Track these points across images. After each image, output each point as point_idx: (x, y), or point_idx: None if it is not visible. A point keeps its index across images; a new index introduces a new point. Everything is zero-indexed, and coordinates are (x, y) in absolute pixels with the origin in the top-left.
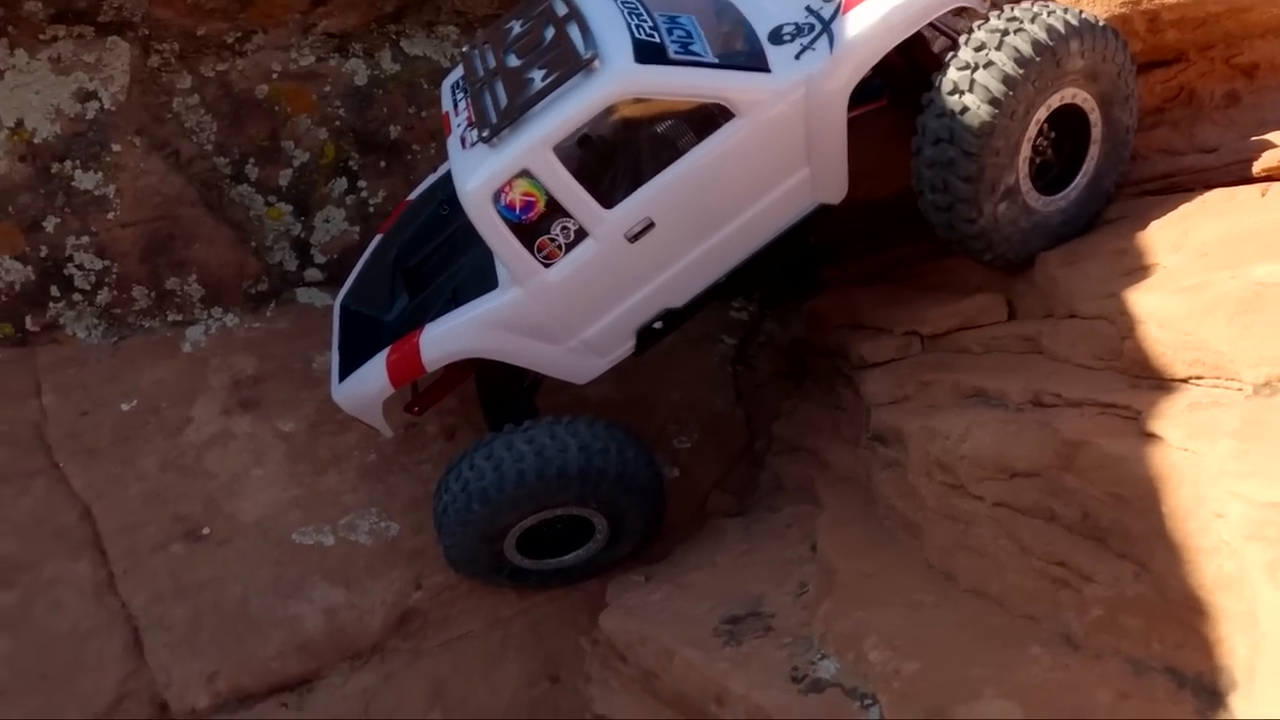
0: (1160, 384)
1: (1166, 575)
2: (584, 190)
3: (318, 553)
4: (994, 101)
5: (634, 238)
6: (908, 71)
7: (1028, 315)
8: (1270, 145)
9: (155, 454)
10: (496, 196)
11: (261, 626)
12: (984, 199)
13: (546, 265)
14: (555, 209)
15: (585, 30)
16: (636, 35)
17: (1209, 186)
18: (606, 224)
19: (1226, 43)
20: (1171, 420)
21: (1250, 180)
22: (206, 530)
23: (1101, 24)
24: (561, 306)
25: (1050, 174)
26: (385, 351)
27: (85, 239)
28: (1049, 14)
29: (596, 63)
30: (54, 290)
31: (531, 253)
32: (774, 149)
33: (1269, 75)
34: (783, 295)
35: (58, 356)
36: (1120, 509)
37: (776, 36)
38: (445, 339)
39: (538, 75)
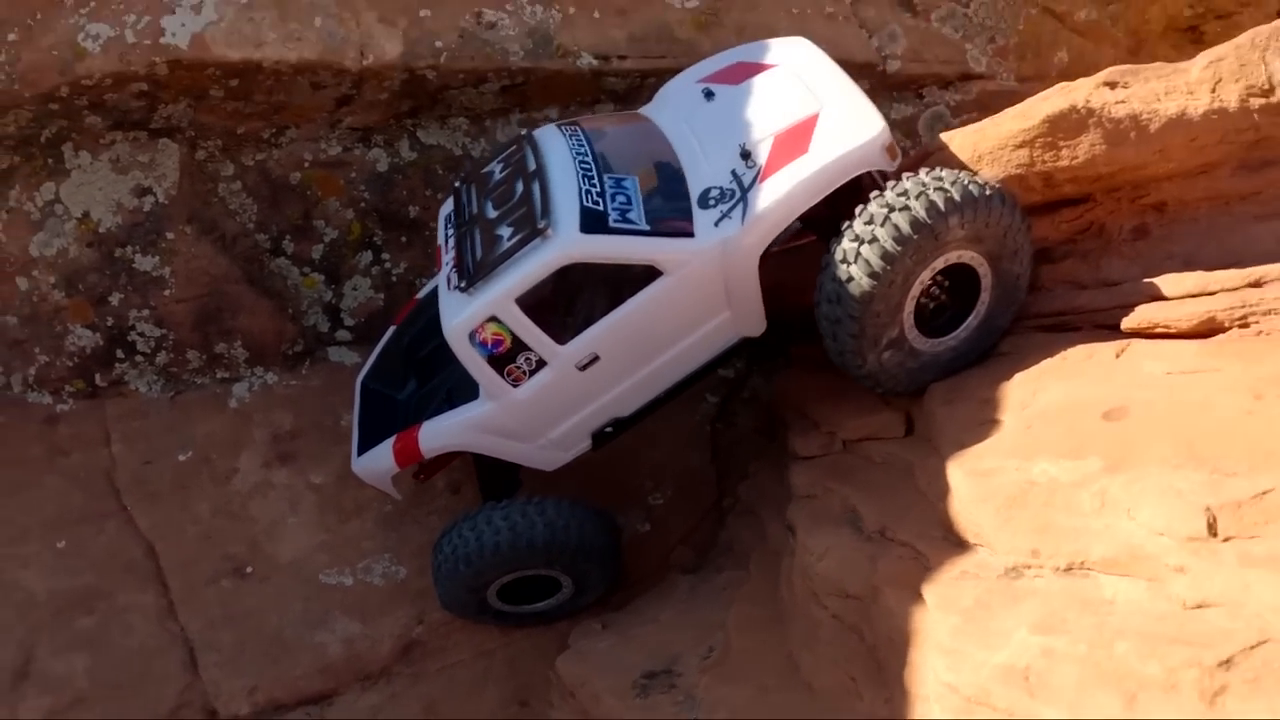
0: (959, 543)
1: (900, 708)
2: (541, 332)
3: (339, 591)
4: (873, 275)
5: (583, 367)
6: (830, 216)
7: (920, 436)
8: (1154, 294)
9: (207, 500)
10: (472, 335)
11: (293, 651)
12: (868, 350)
13: (515, 386)
14: (520, 344)
15: (545, 193)
16: (584, 203)
17: (1095, 326)
18: (560, 357)
19: (1133, 185)
20: (937, 584)
21: (1118, 333)
22: (250, 569)
23: (988, 193)
24: (527, 417)
25: (945, 315)
26: (393, 439)
27: (145, 312)
28: (935, 189)
29: (550, 231)
30: (119, 353)
31: (502, 377)
32: (697, 299)
33: (1179, 209)
34: (771, 352)
35: (124, 408)
36: (888, 649)
37: (704, 200)
38: (438, 435)
39: (505, 233)
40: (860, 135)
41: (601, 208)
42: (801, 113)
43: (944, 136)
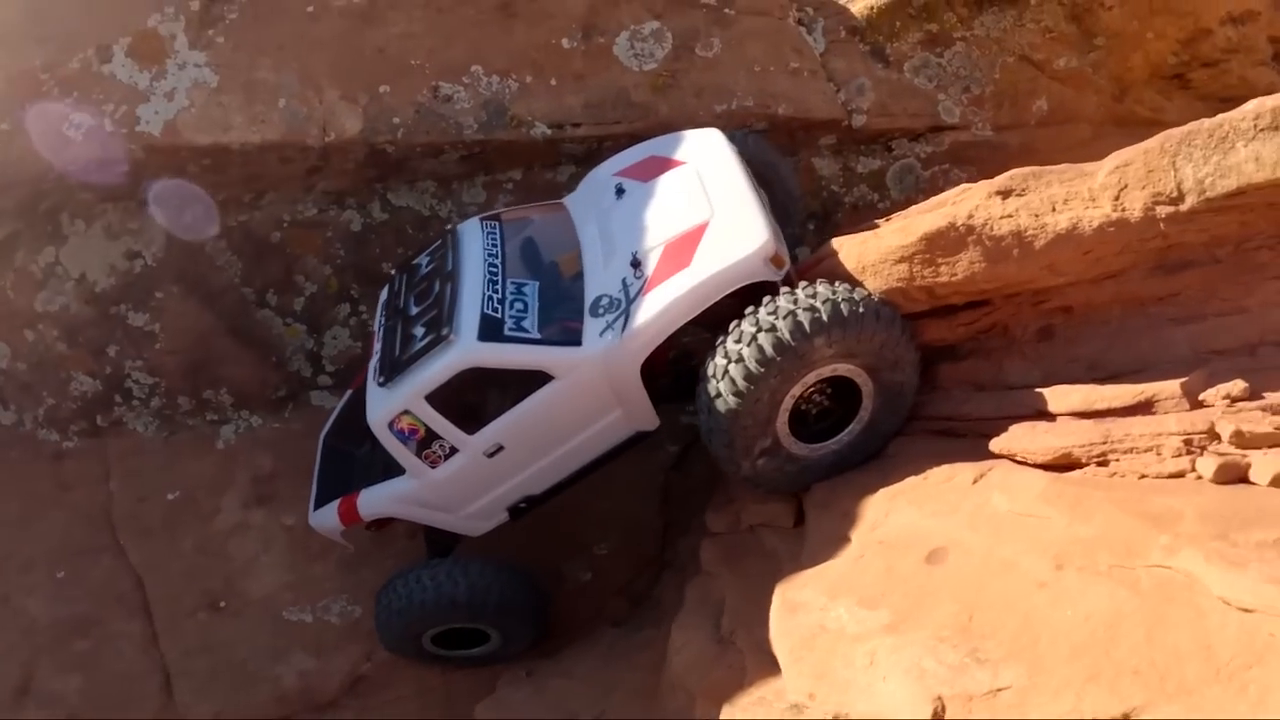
0: (775, 665)
1: None
2: (450, 424)
3: (300, 628)
4: (738, 394)
5: (491, 454)
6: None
7: (807, 527)
8: (1039, 406)
9: (192, 537)
10: (391, 425)
11: (255, 681)
12: (741, 459)
13: (433, 468)
14: (433, 433)
15: (454, 297)
16: (485, 309)
17: (979, 435)
18: (470, 445)
19: (1034, 292)
20: (736, 705)
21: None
22: (224, 603)
23: (861, 310)
24: (446, 494)
25: (830, 419)
26: (338, 501)
27: (139, 362)
28: (804, 309)
29: (452, 336)
30: (117, 398)
31: (421, 460)
32: (586, 400)
33: (1088, 312)
34: None
35: (123, 447)
36: None
37: (595, 308)
38: (373, 503)
39: (419, 332)
40: (741, 249)
41: (499, 315)
42: (692, 220)
43: (834, 243)
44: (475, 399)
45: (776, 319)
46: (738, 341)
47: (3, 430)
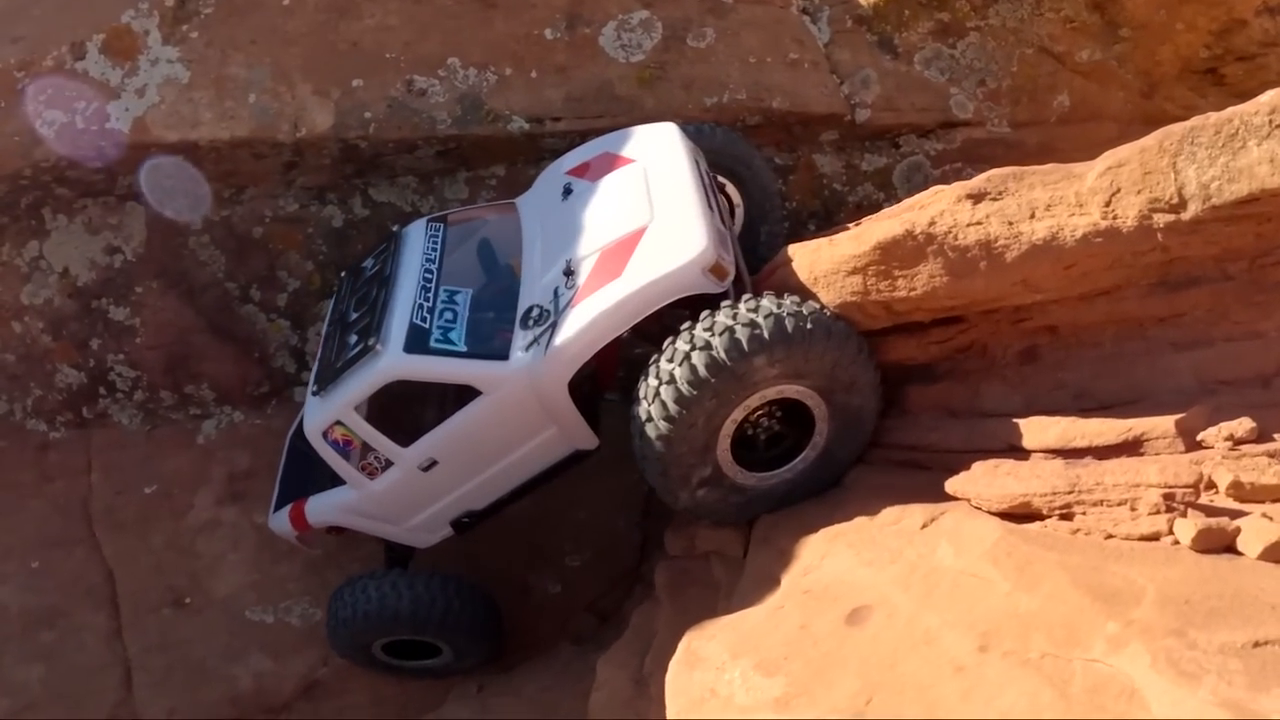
0: None
1: None
2: (382, 436)
3: (260, 628)
4: (669, 419)
5: (425, 469)
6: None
7: (746, 562)
8: (1012, 440)
9: (163, 533)
10: (325, 434)
11: (210, 680)
12: (678, 489)
13: (370, 479)
14: (368, 445)
15: (386, 305)
16: (414, 319)
17: (944, 469)
18: (404, 459)
19: (1013, 309)
20: None
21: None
22: (188, 600)
23: (807, 326)
24: (386, 506)
25: (782, 444)
26: (290, 507)
27: (121, 356)
28: (743, 325)
29: (379, 347)
30: (102, 390)
31: (359, 471)
32: (516, 416)
33: (1075, 333)
34: None
35: (107, 439)
36: None
37: (525, 319)
38: (319, 511)
39: (352, 340)
40: (676, 259)
41: (427, 325)
42: (630, 226)
43: (789, 250)
44: (408, 411)
45: (712, 335)
46: (670, 360)
47: None
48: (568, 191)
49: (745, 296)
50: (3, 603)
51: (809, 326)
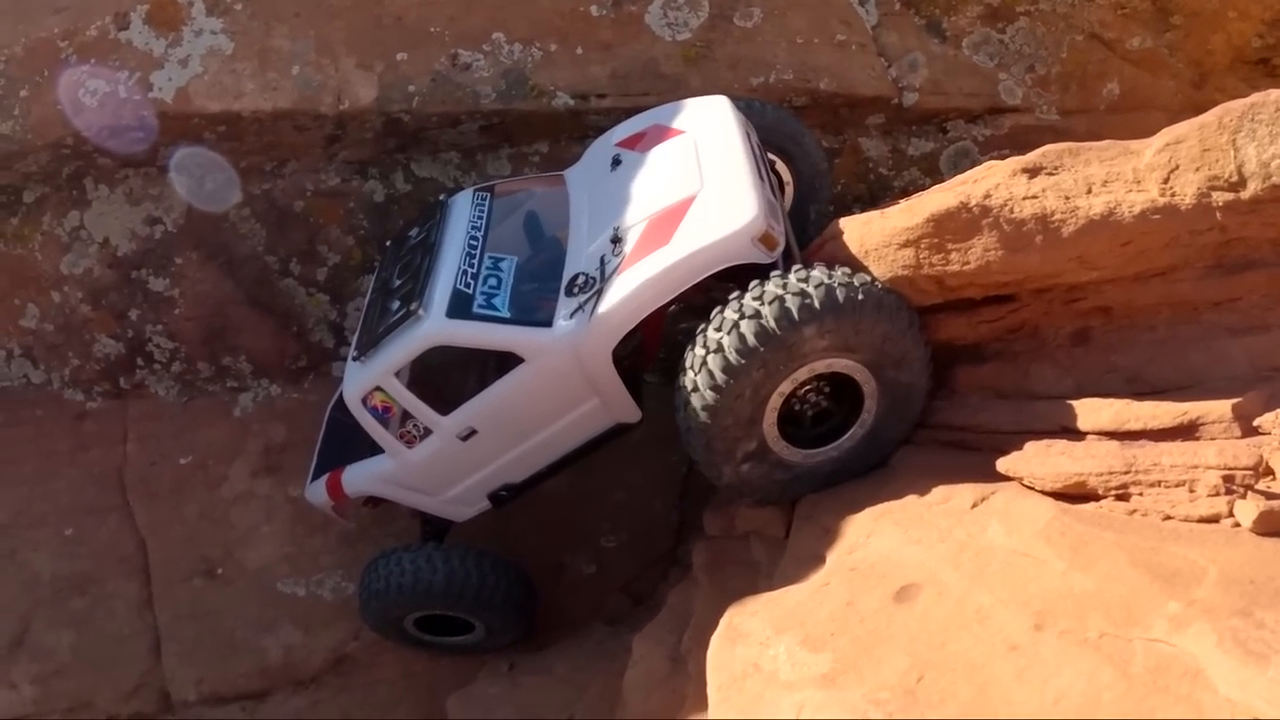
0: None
1: None
2: (422, 403)
3: (291, 601)
4: (716, 388)
5: (464, 438)
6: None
7: (789, 540)
8: (1065, 421)
9: (197, 503)
10: (364, 401)
11: (239, 651)
12: (721, 463)
13: (409, 448)
14: (408, 412)
15: (430, 271)
16: (457, 285)
17: (993, 450)
18: (443, 427)
19: (1067, 289)
20: None
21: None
22: (220, 570)
23: (859, 297)
24: (424, 476)
25: (828, 422)
26: (326, 476)
27: (159, 327)
28: (793, 294)
29: (421, 312)
30: (139, 361)
31: (398, 440)
32: (559, 386)
33: (1129, 315)
34: None
35: (143, 410)
36: None
37: (570, 287)
38: (355, 481)
39: (394, 306)
40: (725, 227)
41: (470, 291)
42: (679, 194)
43: (840, 223)
44: (449, 379)
45: (762, 304)
46: (718, 329)
47: (32, 389)
48: (616, 163)
49: (796, 267)
50: (35, 569)
51: (860, 297)
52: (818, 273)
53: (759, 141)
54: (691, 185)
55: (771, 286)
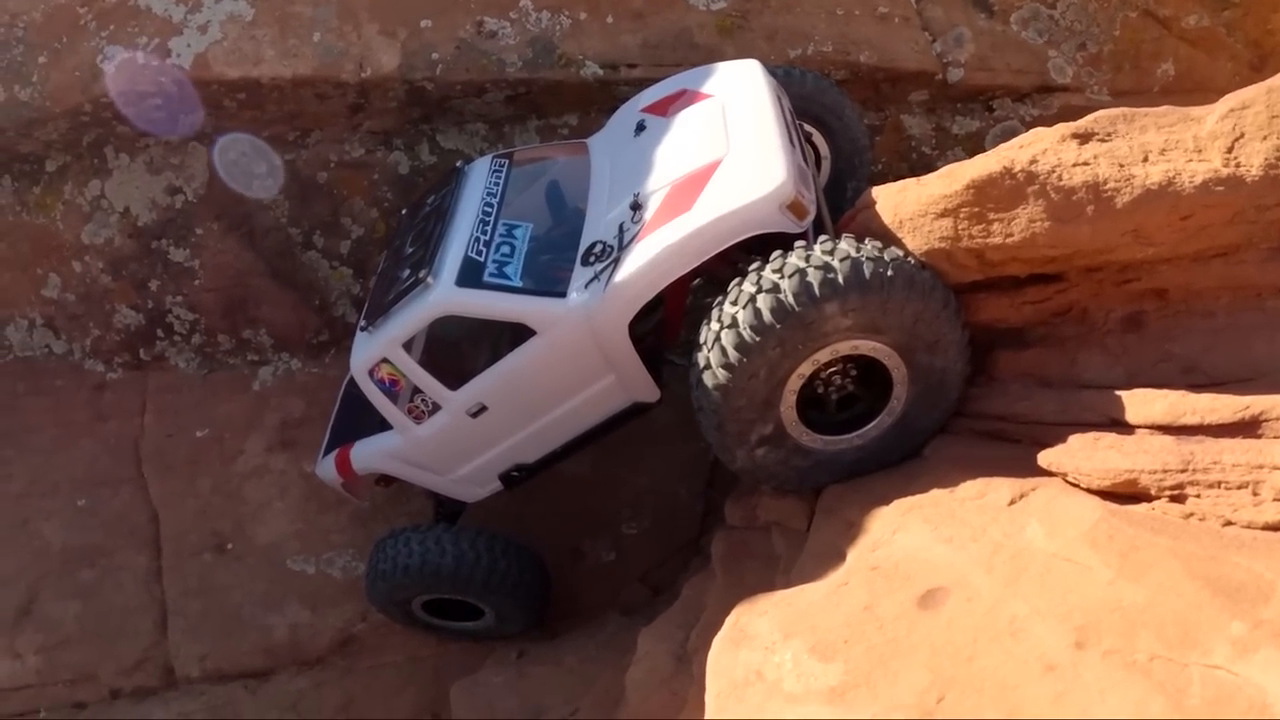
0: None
1: None
2: (430, 376)
3: (300, 578)
4: (728, 367)
5: (474, 414)
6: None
7: (809, 534)
8: (1113, 413)
9: (211, 477)
10: (371, 373)
11: (245, 628)
12: (735, 446)
13: (417, 423)
14: (416, 386)
15: (441, 238)
16: (468, 253)
17: (1034, 442)
18: (452, 402)
19: (1119, 268)
20: None
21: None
22: (230, 546)
23: (890, 273)
24: (433, 453)
25: (855, 407)
26: (335, 452)
27: (179, 298)
28: (816, 267)
29: (430, 280)
30: (159, 332)
31: (406, 415)
32: (572, 360)
33: (1185, 300)
34: None
35: (162, 381)
36: None
37: (587, 255)
38: (364, 457)
39: (403, 274)
40: (752, 192)
41: (482, 259)
42: (704, 159)
43: (873, 192)
44: (460, 352)
45: (781, 278)
46: (734, 303)
47: (53, 359)
48: (641, 128)
49: (821, 238)
50: (46, 539)
51: (890, 274)
52: (844, 245)
53: (792, 109)
54: (718, 150)
55: (793, 259)
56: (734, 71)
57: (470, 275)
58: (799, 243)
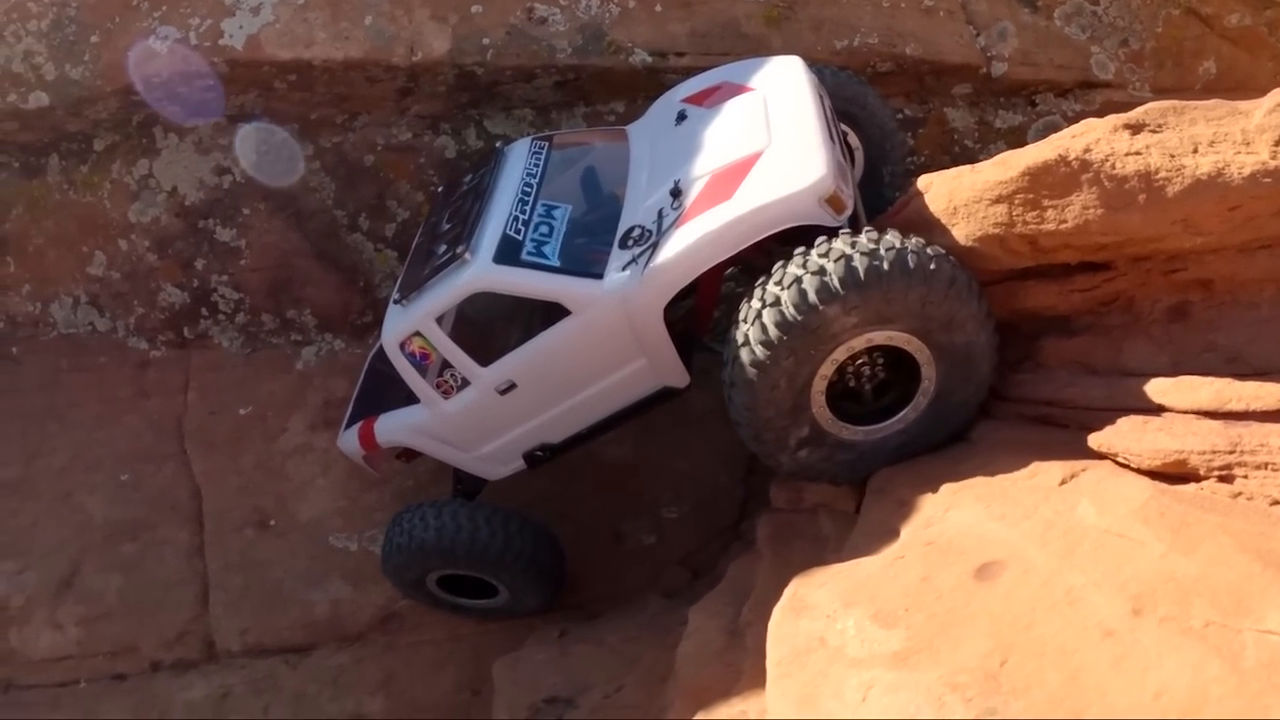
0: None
1: None
2: (461, 351)
3: (342, 555)
4: (748, 383)
5: (503, 391)
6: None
7: (860, 514)
8: (1159, 400)
9: (254, 454)
10: (402, 346)
11: (286, 604)
12: (778, 453)
13: (445, 398)
14: (446, 361)
15: (480, 215)
16: (507, 231)
17: (1081, 428)
18: (482, 378)
19: (1166, 256)
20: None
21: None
22: (273, 522)
23: (886, 265)
24: (458, 429)
25: (891, 392)
26: (358, 425)
27: (225, 277)
28: (810, 274)
29: (467, 255)
30: (204, 311)
31: (434, 389)
32: (605, 342)
33: (1231, 291)
34: None
35: (206, 360)
36: None
37: (625, 239)
38: (388, 431)
39: (440, 249)
40: (792, 184)
41: (520, 237)
42: (745, 150)
43: (922, 181)
44: (492, 329)
45: (782, 289)
46: (746, 320)
47: (98, 336)
48: (682, 118)
49: (819, 240)
50: (89, 512)
51: (884, 266)
52: (838, 244)
53: (833, 107)
54: (759, 141)
55: (793, 267)
56: (775, 66)
57: (508, 253)
58: (799, 249)
